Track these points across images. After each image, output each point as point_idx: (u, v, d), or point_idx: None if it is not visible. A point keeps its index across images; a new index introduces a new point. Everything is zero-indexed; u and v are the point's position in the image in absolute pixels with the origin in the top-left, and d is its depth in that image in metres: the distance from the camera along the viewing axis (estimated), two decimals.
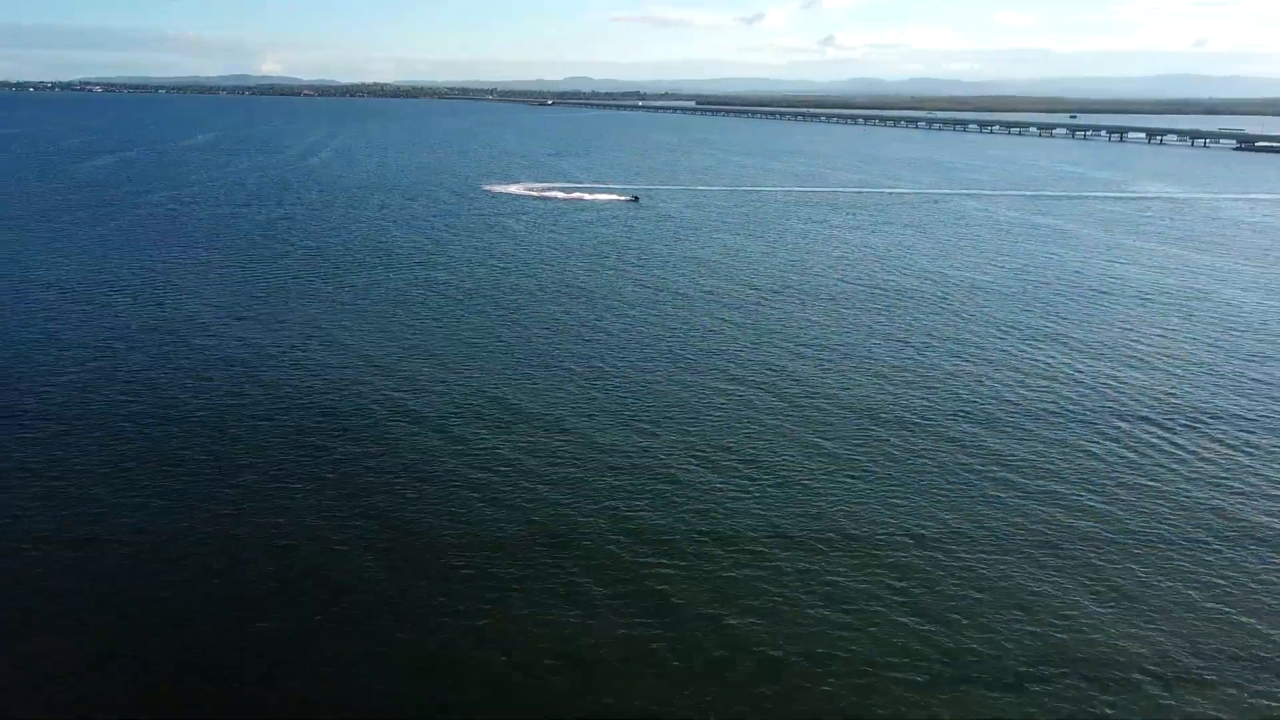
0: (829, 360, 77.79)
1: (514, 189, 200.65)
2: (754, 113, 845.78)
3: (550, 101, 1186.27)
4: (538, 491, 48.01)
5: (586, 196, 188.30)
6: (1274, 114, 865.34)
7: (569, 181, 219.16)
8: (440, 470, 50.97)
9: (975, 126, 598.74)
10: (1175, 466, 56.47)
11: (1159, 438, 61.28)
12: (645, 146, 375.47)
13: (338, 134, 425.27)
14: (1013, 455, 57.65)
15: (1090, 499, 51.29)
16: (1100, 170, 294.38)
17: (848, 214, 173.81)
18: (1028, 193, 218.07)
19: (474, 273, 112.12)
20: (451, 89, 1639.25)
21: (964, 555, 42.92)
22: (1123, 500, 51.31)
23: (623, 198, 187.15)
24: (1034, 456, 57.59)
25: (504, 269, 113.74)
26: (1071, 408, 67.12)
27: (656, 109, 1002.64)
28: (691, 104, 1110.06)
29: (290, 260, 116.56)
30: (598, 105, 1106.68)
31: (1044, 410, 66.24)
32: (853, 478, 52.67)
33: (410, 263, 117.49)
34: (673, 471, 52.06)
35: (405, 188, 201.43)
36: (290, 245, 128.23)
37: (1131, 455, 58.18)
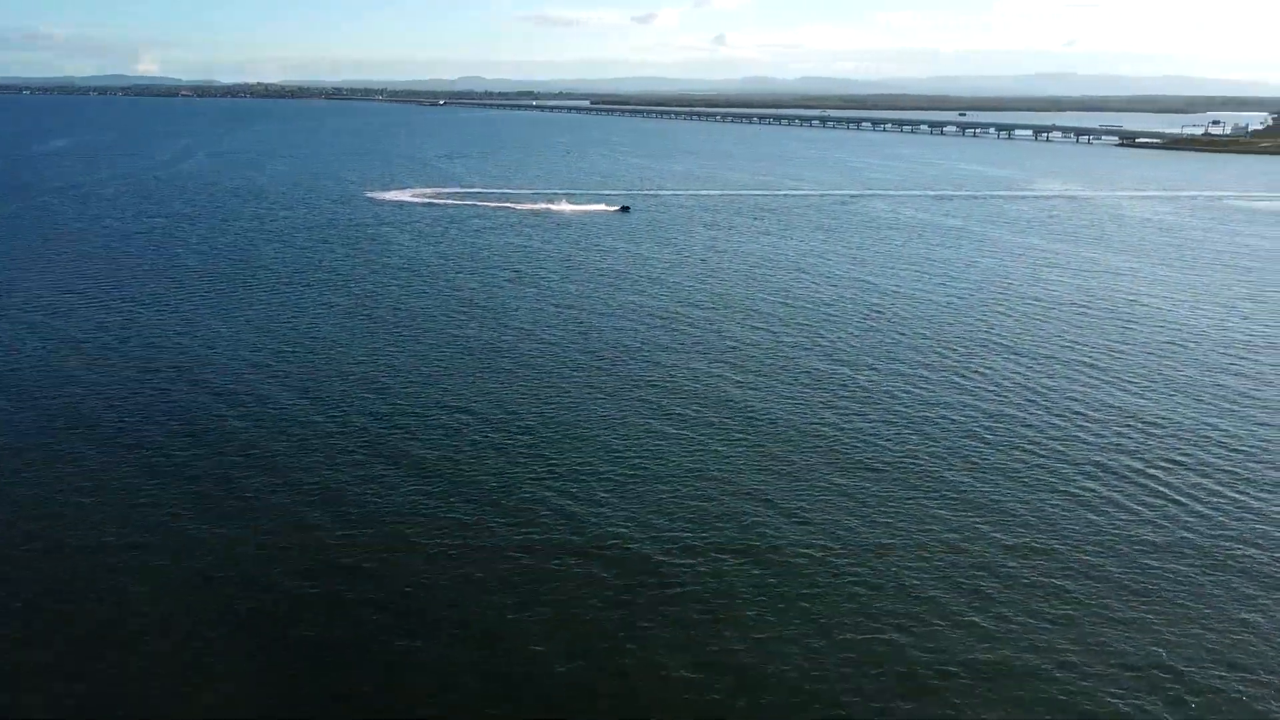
0: (762, 379, 69.50)
1: (401, 196, 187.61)
2: (650, 112, 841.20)
3: (443, 102, 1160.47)
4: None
5: (517, 206, 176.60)
6: (1144, 110, 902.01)
7: (461, 187, 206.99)
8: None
9: (869, 125, 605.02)
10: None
11: (1135, 470, 54.84)
12: (541, 148, 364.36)
13: (214, 137, 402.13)
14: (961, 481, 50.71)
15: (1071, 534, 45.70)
16: (997, 168, 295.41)
17: (754, 218, 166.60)
18: (932, 192, 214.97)
19: (350, 292, 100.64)
20: (340, 89, 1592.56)
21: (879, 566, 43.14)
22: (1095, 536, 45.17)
23: (612, 208, 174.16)
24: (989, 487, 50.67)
25: (382, 289, 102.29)
26: (1030, 426, 60.58)
27: (551, 109, 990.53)
28: (586, 104, 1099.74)
29: (141, 279, 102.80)
30: (491, 105, 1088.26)
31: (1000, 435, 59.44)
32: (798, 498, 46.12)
33: (276, 281, 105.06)
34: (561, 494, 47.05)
35: (282, 196, 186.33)
36: (143, 262, 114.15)
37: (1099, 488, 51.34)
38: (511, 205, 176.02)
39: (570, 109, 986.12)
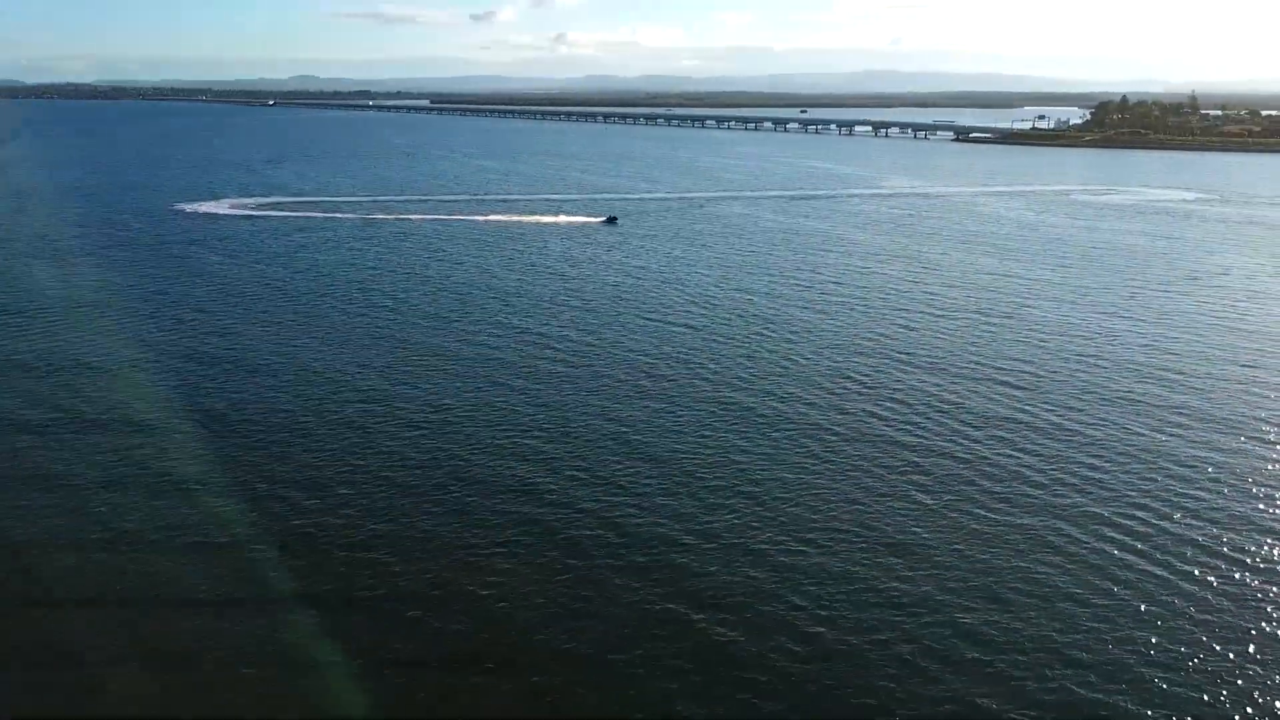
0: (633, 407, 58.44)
1: (216, 207, 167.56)
2: (492, 112, 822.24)
3: (272, 102, 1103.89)
4: None
5: (348, 216, 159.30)
6: (968, 105, 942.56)
7: (288, 196, 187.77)
8: None
9: (713, 122, 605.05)
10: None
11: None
12: (378, 150, 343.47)
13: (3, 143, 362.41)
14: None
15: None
16: (845, 165, 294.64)
17: (609, 226, 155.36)
18: (787, 193, 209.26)
19: (141, 323, 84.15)
20: (160, 88, 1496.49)
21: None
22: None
23: (597, 219, 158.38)
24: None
25: (184, 319, 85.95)
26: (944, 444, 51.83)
27: (389, 109, 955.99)
28: (425, 103, 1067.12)
29: None
30: (325, 105, 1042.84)
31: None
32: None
33: (52, 314, 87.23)
34: None
35: (76, 211, 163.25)
36: None
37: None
38: (342, 215, 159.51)
39: (409, 109, 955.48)
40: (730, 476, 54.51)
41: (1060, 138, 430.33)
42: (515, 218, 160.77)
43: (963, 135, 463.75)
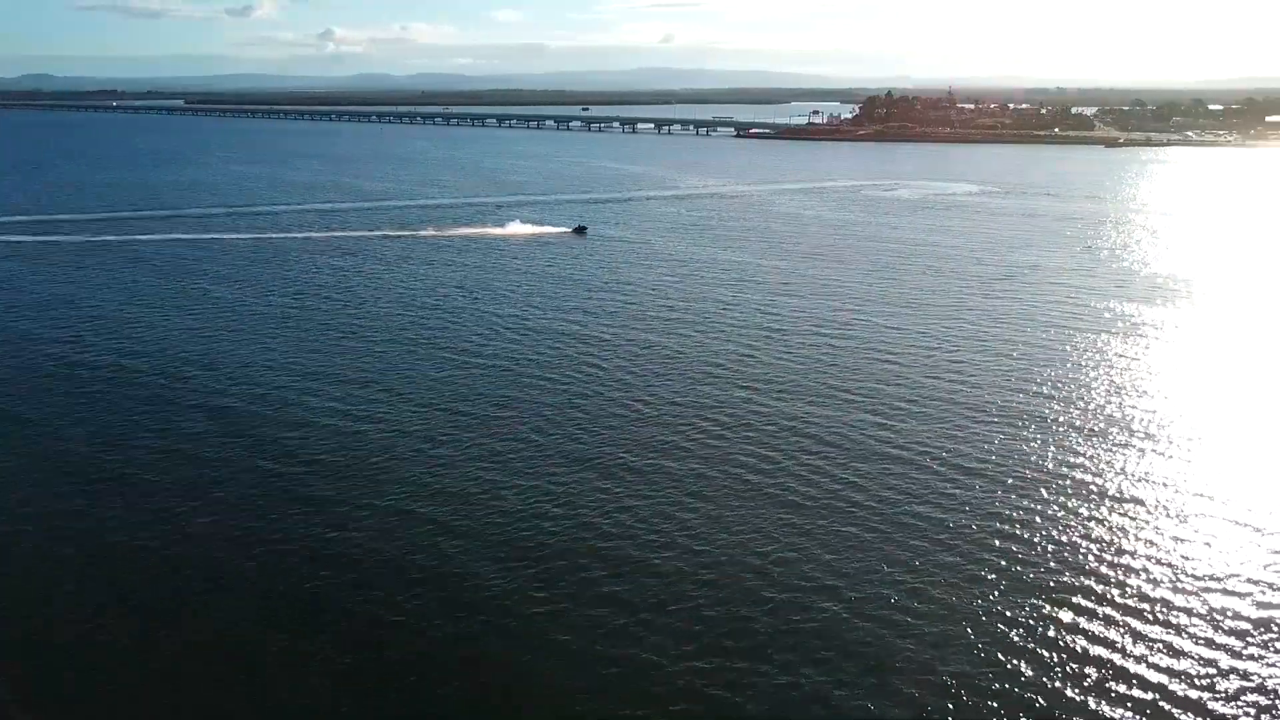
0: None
1: None
2: (255, 112, 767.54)
3: None
4: None
5: (70, 239, 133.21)
6: (742, 101, 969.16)
7: None
8: None
9: (494, 121, 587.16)
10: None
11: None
12: (124, 156, 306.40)
13: None
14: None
15: None
16: (636, 165, 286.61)
17: (395, 241, 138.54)
18: (581, 196, 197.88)
19: None
20: None
21: None
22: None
23: (566, 229, 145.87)
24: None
25: None
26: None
27: (137, 109, 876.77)
28: (180, 103, 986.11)
29: None
30: (62, 107, 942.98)
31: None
32: None
33: None
34: None
35: None
36: None
37: None
38: (62, 238, 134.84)
39: (161, 109, 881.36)
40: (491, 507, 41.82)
41: (837, 132, 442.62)
42: (282, 234, 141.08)
43: (743, 131, 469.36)
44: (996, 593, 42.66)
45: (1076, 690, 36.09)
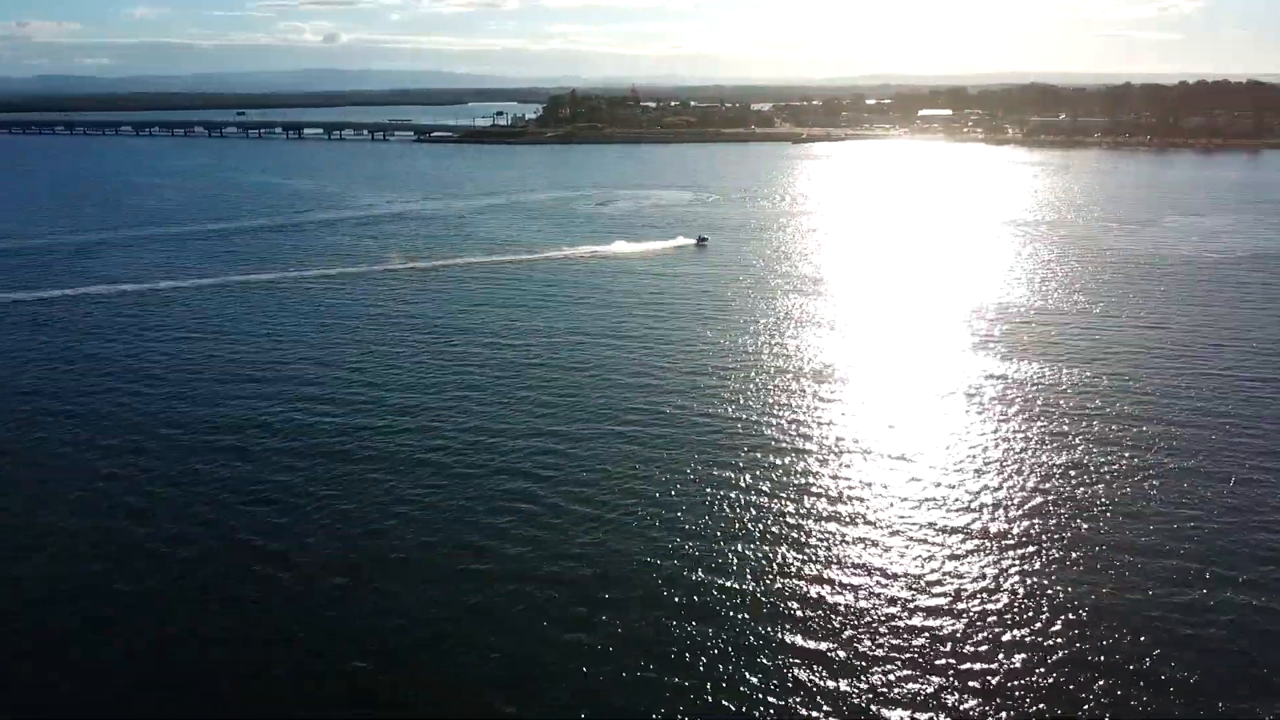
0: None
1: None
2: None
3: None
4: None
5: None
6: (419, 103, 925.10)
7: None
8: None
9: (130, 129, 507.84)
10: None
11: None
12: None
13: None
14: None
15: None
16: (303, 179, 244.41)
17: None
18: (238, 223, 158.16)
19: None
20: None
21: None
22: None
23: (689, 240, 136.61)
24: None
25: None
26: None
27: None
28: None
29: None
30: None
31: None
32: None
33: None
34: None
35: None
36: None
37: None
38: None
39: None
40: None
41: (525, 134, 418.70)
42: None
43: (425, 135, 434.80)
44: None
45: None
